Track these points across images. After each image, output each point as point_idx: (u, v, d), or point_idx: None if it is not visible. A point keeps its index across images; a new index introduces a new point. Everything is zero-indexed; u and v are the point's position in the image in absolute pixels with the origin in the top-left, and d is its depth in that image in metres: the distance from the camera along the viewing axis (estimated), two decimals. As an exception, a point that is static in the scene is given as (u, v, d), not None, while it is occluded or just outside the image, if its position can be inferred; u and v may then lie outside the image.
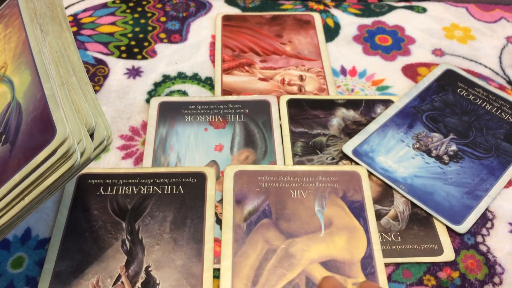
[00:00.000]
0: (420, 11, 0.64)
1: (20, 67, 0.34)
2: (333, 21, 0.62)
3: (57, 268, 0.38)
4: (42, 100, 0.31)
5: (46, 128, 0.30)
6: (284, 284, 0.38)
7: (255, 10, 0.63)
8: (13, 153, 0.30)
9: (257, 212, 0.42)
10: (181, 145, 0.47)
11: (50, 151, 0.29)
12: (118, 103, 0.52)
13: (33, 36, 0.36)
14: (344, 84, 0.54)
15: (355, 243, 0.40)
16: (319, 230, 0.41)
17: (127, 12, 0.62)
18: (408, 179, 0.45)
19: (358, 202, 0.43)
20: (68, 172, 0.30)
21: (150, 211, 0.42)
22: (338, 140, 0.49)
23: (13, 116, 0.32)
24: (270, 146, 0.47)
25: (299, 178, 0.44)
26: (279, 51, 0.58)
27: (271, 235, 0.40)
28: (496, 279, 0.40)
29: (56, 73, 0.34)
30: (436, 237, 0.41)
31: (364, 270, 0.39)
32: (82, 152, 0.30)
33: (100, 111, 0.34)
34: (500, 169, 0.46)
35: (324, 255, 0.39)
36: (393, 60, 0.57)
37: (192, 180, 0.44)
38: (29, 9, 0.38)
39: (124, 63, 0.56)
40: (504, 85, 0.55)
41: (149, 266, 0.39)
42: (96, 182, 0.44)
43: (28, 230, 0.41)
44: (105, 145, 0.33)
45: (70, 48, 0.39)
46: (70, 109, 0.32)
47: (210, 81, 0.54)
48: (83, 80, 0.36)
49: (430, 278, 0.40)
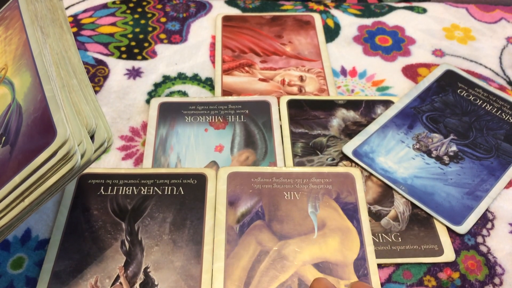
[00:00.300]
0: (420, 12, 0.64)
1: (21, 68, 0.34)
2: (333, 21, 0.62)
3: (56, 268, 0.38)
4: (42, 102, 0.31)
5: (46, 130, 0.30)
6: (276, 285, 0.38)
7: (255, 10, 0.63)
8: (13, 155, 0.30)
9: (250, 213, 0.42)
10: (181, 145, 0.47)
11: (50, 153, 0.29)
12: (118, 104, 0.52)
13: (33, 38, 0.36)
14: (344, 85, 0.54)
15: (348, 244, 0.40)
16: (312, 231, 0.41)
17: (127, 12, 0.62)
18: (408, 179, 0.45)
19: (351, 204, 0.43)
20: (68, 174, 0.30)
21: (150, 212, 0.42)
22: (338, 140, 0.48)
23: (13, 118, 0.32)
24: (270, 147, 0.47)
25: (292, 179, 0.44)
26: (279, 52, 0.57)
27: (264, 237, 0.40)
28: (497, 279, 0.40)
29: (56, 75, 0.34)
30: (437, 238, 0.41)
31: (357, 271, 0.39)
32: (82, 154, 0.30)
33: (100, 113, 0.34)
34: (500, 170, 0.46)
35: (317, 257, 0.39)
36: (393, 61, 0.57)
37: (193, 181, 0.44)
38: (30, 11, 0.38)
39: (124, 64, 0.56)
40: (504, 85, 0.55)
41: (148, 267, 0.39)
42: (96, 182, 0.44)
43: (28, 231, 0.41)
44: (105, 147, 0.33)
45: (70, 50, 0.39)
46: (70, 111, 0.32)
47: (210, 81, 0.54)
48: (84, 82, 0.36)
49: (431, 279, 0.39)
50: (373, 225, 0.42)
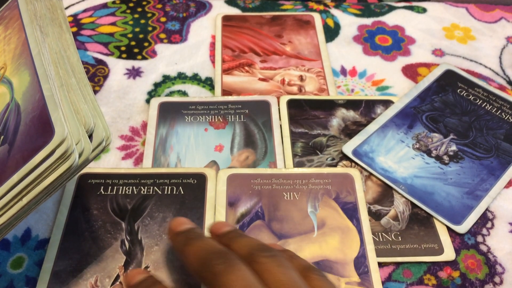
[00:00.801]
0: (420, 11, 0.64)
1: (20, 68, 0.34)
2: (333, 21, 0.62)
3: (56, 268, 0.38)
4: (41, 101, 0.31)
5: (44, 129, 0.30)
6: None
7: (255, 10, 0.63)
8: (12, 154, 0.30)
9: (250, 214, 0.42)
10: (181, 145, 0.47)
11: (48, 152, 0.29)
12: (118, 104, 0.52)
13: (32, 37, 0.36)
14: (344, 85, 0.54)
15: (348, 243, 0.40)
16: (312, 231, 0.41)
17: (127, 12, 0.62)
18: (408, 179, 0.45)
19: (351, 204, 0.43)
20: (66, 173, 0.30)
21: (150, 212, 0.42)
22: (338, 140, 0.48)
23: (11, 117, 0.32)
24: (270, 147, 0.47)
25: (292, 180, 0.44)
26: (279, 51, 0.58)
27: (264, 236, 0.40)
28: (497, 278, 0.40)
29: (55, 74, 0.34)
30: (437, 237, 0.41)
31: (357, 269, 0.39)
32: (80, 153, 0.30)
33: (99, 112, 0.34)
34: (500, 169, 0.46)
35: (317, 255, 0.39)
36: (393, 60, 0.57)
37: (193, 181, 0.44)
38: (29, 11, 0.38)
39: (124, 64, 0.56)
40: (504, 85, 0.55)
41: (148, 267, 0.39)
42: (96, 182, 0.44)
43: (28, 231, 0.41)
44: (103, 146, 0.33)
45: (69, 50, 0.39)
46: (69, 110, 0.32)
47: (210, 81, 0.54)
48: (83, 81, 0.36)
49: (431, 278, 0.40)
50: (373, 225, 0.42)
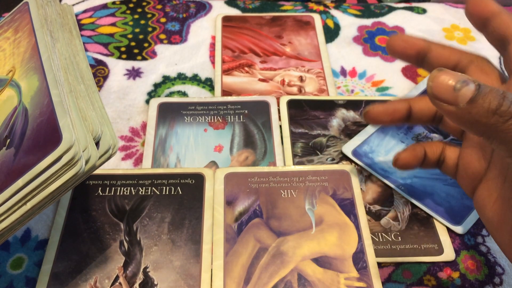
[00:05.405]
0: (420, 12, 0.64)
1: (29, 72, 0.34)
2: (333, 22, 0.62)
3: (55, 269, 0.38)
4: (49, 106, 0.31)
5: (52, 135, 0.30)
6: (276, 281, 0.38)
7: (255, 11, 0.63)
8: (17, 158, 0.30)
9: (248, 212, 0.42)
10: (181, 146, 0.47)
11: (55, 158, 0.29)
12: (118, 104, 0.52)
13: (43, 42, 0.36)
14: (344, 85, 0.54)
15: (346, 239, 0.40)
16: (310, 227, 0.41)
17: (127, 13, 0.62)
18: (407, 179, 0.45)
19: (348, 200, 0.43)
20: (72, 179, 0.30)
21: (148, 212, 0.42)
22: (338, 140, 0.48)
23: (19, 121, 0.32)
24: (270, 147, 0.47)
25: (289, 178, 0.44)
26: (279, 52, 0.57)
27: (262, 234, 0.41)
28: (496, 279, 0.39)
29: (64, 80, 0.34)
30: (436, 237, 0.41)
31: (356, 264, 0.39)
32: (87, 160, 0.30)
33: (107, 119, 0.34)
34: (500, 170, 0.46)
35: (316, 252, 0.40)
36: (393, 61, 0.57)
37: (191, 181, 0.44)
38: (40, 15, 0.38)
39: (124, 64, 0.56)
40: (504, 85, 0.55)
41: (147, 267, 0.39)
42: (94, 183, 0.44)
43: (28, 231, 0.41)
44: (110, 153, 0.33)
45: (79, 56, 0.39)
46: (77, 117, 0.31)
47: (210, 82, 0.54)
48: (91, 88, 0.36)
49: (431, 278, 0.39)
50: (372, 225, 0.42)
